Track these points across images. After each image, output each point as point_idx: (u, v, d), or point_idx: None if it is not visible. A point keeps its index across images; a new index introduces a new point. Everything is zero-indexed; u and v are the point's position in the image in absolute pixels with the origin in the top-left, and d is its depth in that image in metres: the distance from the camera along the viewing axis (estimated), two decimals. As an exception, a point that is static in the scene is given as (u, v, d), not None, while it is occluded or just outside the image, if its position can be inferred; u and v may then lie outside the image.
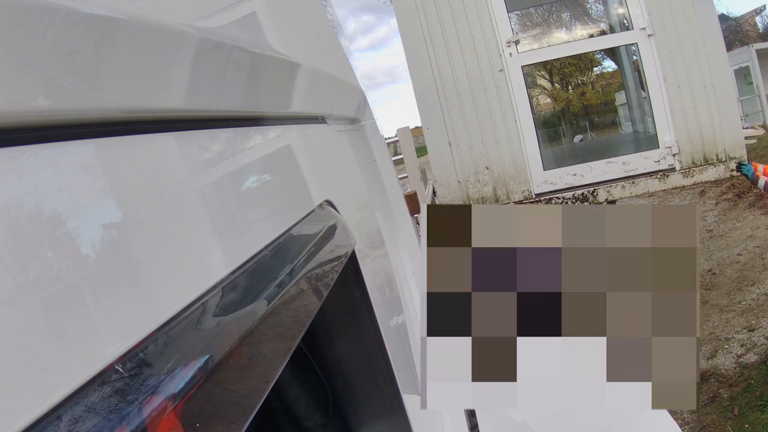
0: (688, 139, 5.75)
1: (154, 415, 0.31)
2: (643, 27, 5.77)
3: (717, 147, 5.79)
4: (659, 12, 5.76)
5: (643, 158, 5.78)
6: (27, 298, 0.27)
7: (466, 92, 5.70)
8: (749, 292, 6.76)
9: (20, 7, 0.29)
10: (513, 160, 5.73)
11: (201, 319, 0.40)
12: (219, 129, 0.57)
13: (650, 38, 5.76)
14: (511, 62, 5.80)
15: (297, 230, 0.68)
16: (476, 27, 5.78)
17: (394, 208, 1.86)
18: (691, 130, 5.75)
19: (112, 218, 0.35)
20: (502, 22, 5.80)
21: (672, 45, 5.77)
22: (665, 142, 5.79)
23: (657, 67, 5.79)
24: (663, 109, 5.80)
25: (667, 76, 5.77)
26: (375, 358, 1.03)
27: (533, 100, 6.66)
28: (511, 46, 5.76)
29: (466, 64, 5.73)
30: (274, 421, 1.16)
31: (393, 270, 1.42)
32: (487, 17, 5.79)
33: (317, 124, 1.03)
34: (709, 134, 5.78)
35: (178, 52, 0.47)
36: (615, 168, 5.77)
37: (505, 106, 5.76)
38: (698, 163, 5.76)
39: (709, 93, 5.77)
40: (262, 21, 0.84)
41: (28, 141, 0.30)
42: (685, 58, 5.75)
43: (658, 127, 5.84)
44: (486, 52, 5.78)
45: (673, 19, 5.75)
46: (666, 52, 5.75)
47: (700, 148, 5.78)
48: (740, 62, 18.23)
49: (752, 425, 4.40)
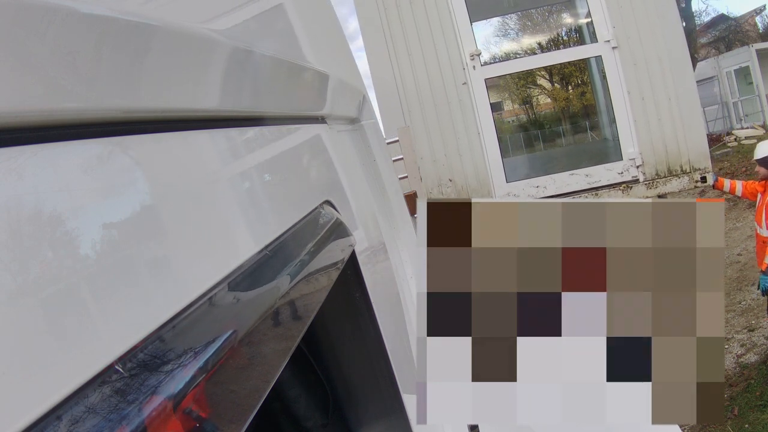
0: (652, 151, 5.78)
1: (154, 415, 0.31)
2: (607, 39, 5.79)
3: (681, 158, 5.82)
4: (624, 24, 5.78)
5: (606, 170, 5.82)
6: (27, 298, 0.27)
7: (429, 105, 5.73)
8: (749, 292, 6.76)
9: (20, 7, 0.29)
10: (476, 172, 5.77)
11: (201, 319, 0.40)
12: (219, 129, 0.57)
13: (614, 50, 5.78)
14: (475, 75, 5.83)
15: (297, 230, 0.68)
16: (440, 39, 5.79)
17: (394, 208, 1.86)
18: (655, 141, 5.78)
19: (112, 218, 0.35)
20: (465, 34, 5.81)
21: (636, 57, 5.79)
22: (629, 154, 5.83)
23: (621, 79, 5.82)
24: (627, 121, 5.84)
25: (631, 88, 5.80)
26: (375, 358, 1.03)
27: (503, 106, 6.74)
28: (474, 59, 5.77)
29: (430, 76, 5.75)
30: (274, 421, 1.16)
31: (393, 270, 1.42)
32: (451, 29, 5.79)
33: (317, 124, 1.03)
34: (673, 146, 5.81)
35: (179, 52, 0.47)
36: (578, 180, 5.81)
37: (468, 119, 5.79)
38: (662, 174, 5.79)
39: (674, 105, 5.79)
40: (263, 21, 0.83)
41: (28, 141, 0.30)
42: (650, 70, 5.77)
43: (622, 139, 5.87)
44: (449, 65, 5.80)
45: (638, 31, 5.77)
46: (630, 65, 5.77)
47: (664, 159, 5.81)
48: (740, 62, 18.22)
49: (752, 425, 4.40)
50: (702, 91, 18.58)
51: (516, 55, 6.76)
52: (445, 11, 5.77)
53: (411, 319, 1.45)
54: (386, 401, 1.05)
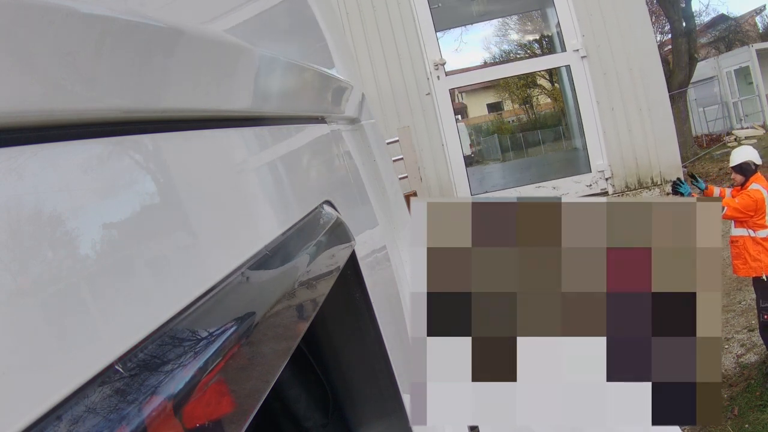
0: (622, 163, 5.68)
1: (154, 415, 0.31)
2: (576, 49, 5.69)
3: (652, 170, 5.72)
4: (593, 33, 5.67)
5: (574, 182, 5.75)
6: (27, 298, 0.27)
7: (392, 116, 5.63)
8: (749, 292, 6.75)
9: (20, 7, 0.29)
10: (440, 185, 5.69)
11: (201, 319, 0.40)
12: (219, 129, 0.57)
13: (583, 60, 5.66)
14: (439, 85, 5.71)
15: (297, 230, 0.68)
16: (403, 48, 5.66)
17: (394, 208, 1.86)
18: (625, 153, 5.68)
19: (112, 218, 0.35)
20: (430, 43, 5.68)
21: (606, 67, 5.69)
22: (597, 166, 5.74)
23: (590, 89, 5.72)
24: (595, 133, 5.73)
25: (600, 98, 5.70)
26: (375, 358, 1.03)
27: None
28: (438, 69, 5.66)
29: (393, 87, 5.65)
30: (274, 421, 1.16)
31: (393, 270, 1.42)
32: (415, 38, 5.66)
33: (317, 124, 1.03)
34: (643, 158, 5.71)
35: (179, 52, 0.47)
36: (545, 193, 5.74)
37: (432, 130, 5.70)
38: (632, 186, 5.72)
39: (645, 116, 5.69)
40: (262, 21, 0.84)
41: (28, 141, 0.30)
42: (620, 80, 5.67)
43: (590, 150, 5.77)
44: (413, 75, 5.69)
45: (609, 40, 5.66)
46: (599, 75, 5.67)
47: (634, 171, 5.72)
48: (740, 62, 18.23)
49: (752, 425, 4.40)
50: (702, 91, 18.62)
51: (485, 63, 6.70)
52: (409, 19, 5.64)
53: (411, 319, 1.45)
54: (386, 401, 1.05)
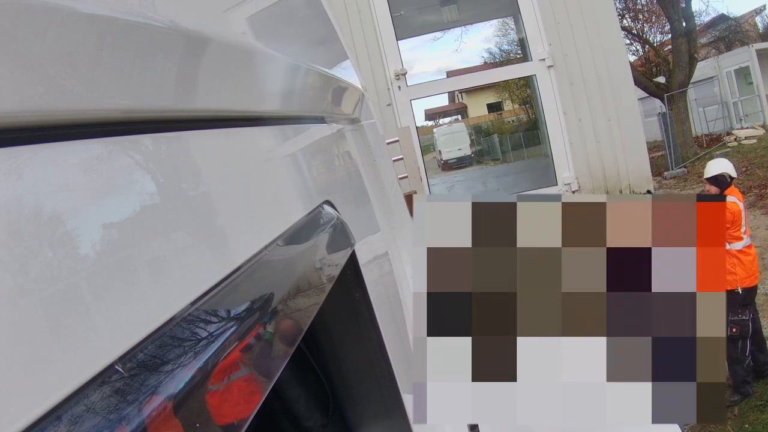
0: (589, 175, 5.54)
1: (154, 415, 0.31)
2: (542, 58, 5.55)
3: (621, 182, 5.58)
4: (560, 42, 5.52)
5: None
6: (27, 298, 0.27)
7: None
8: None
9: (20, 7, 0.29)
10: None
11: (201, 319, 0.40)
12: (219, 129, 0.57)
13: (550, 69, 5.51)
14: (400, 96, 5.55)
15: (297, 230, 0.68)
16: (364, 58, 5.49)
17: (394, 208, 1.86)
18: (592, 165, 5.54)
19: (112, 218, 0.35)
20: (391, 52, 5.50)
21: (573, 76, 5.53)
22: (564, 179, 5.60)
23: (556, 99, 5.57)
24: (562, 144, 5.58)
25: (567, 108, 5.55)
26: (375, 358, 1.03)
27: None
28: (400, 79, 5.48)
29: None
30: (274, 421, 1.16)
31: (393, 270, 1.42)
32: (376, 47, 5.48)
33: (317, 124, 1.03)
34: (612, 169, 5.57)
35: (179, 52, 0.47)
36: None
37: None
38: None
39: (614, 126, 5.55)
40: (263, 21, 0.84)
41: (28, 141, 0.30)
42: (588, 89, 5.53)
43: (557, 162, 5.62)
44: (374, 85, 5.52)
45: (576, 49, 5.51)
46: (566, 84, 5.52)
47: (602, 184, 5.58)
48: (740, 62, 18.24)
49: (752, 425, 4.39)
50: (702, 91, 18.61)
51: (448, 73, 6.58)
52: (369, 28, 5.48)
53: (411, 319, 1.45)
54: (386, 401, 1.05)
